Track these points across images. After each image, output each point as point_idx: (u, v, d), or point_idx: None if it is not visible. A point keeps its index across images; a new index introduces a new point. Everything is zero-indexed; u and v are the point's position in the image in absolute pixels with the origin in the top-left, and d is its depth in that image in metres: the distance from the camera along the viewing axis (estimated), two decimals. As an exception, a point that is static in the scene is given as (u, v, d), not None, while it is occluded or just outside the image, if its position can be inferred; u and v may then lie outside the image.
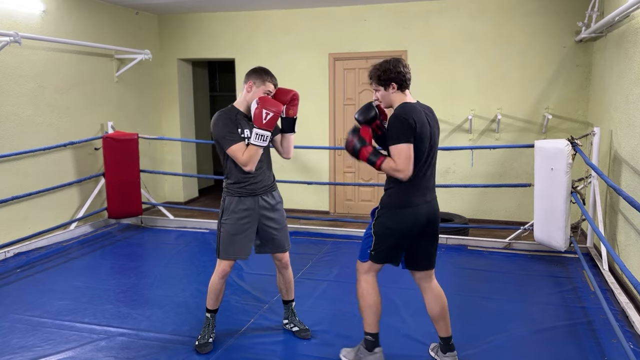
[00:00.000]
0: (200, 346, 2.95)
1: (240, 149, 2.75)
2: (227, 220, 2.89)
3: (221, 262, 2.92)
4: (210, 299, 2.99)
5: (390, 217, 2.57)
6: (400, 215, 2.55)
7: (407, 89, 2.62)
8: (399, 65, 2.58)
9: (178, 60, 7.04)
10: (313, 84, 6.49)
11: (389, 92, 2.59)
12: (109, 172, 5.62)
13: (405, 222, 2.55)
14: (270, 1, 6.12)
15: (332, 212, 6.65)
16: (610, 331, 3.08)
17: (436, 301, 2.72)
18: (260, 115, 2.67)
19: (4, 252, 4.62)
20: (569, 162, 4.14)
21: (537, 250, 4.77)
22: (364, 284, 2.67)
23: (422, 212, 2.56)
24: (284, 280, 3.13)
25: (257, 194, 2.90)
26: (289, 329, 3.18)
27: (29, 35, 4.75)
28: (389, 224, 2.58)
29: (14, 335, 3.15)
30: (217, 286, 2.95)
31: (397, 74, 2.56)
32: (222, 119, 2.80)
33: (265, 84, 2.79)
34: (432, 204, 2.63)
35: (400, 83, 2.57)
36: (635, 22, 3.84)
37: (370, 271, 2.67)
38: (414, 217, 2.55)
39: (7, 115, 4.83)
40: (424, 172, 2.54)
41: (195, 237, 5.42)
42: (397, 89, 2.57)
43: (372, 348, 2.70)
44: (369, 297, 2.66)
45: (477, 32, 5.87)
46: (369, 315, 2.67)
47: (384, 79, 2.57)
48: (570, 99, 5.70)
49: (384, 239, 2.60)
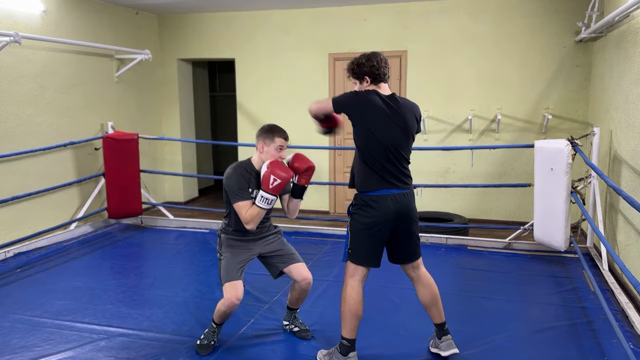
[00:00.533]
0: (201, 347, 2.94)
1: (245, 207, 2.78)
2: (225, 253, 2.91)
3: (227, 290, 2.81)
4: (218, 318, 2.93)
5: (361, 214, 2.60)
6: (369, 211, 2.57)
7: (383, 82, 2.65)
8: (372, 60, 2.61)
9: (178, 60, 7.04)
10: (313, 84, 6.49)
11: (363, 85, 2.64)
12: (109, 172, 5.62)
13: (374, 217, 2.56)
14: (270, 1, 6.12)
15: (332, 212, 6.65)
16: (610, 331, 3.08)
17: (426, 289, 2.77)
18: (268, 180, 2.70)
19: (4, 252, 4.62)
20: (568, 162, 4.15)
21: (537, 250, 4.77)
22: (349, 288, 2.65)
23: (389, 207, 2.56)
24: (299, 297, 3.08)
25: (256, 240, 2.97)
26: (289, 330, 3.18)
27: (29, 35, 4.75)
28: (361, 220, 2.60)
29: (14, 335, 3.15)
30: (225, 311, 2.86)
31: (370, 67, 2.60)
32: (236, 174, 2.83)
33: (274, 141, 2.81)
34: (400, 199, 2.60)
35: (373, 77, 2.61)
36: (635, 22, 3.84)
37: (356, 275, 2.65)
38: (383, 212, 2.56)
39: (7, 115, 4.83)
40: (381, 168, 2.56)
41: (195, 237, 5.42)
42: (371, 82, 2.62)
43: (346, 353, 2.68)
44: (351, 303, 2.63)
45: (477, 32, 5.87)
46: (348, 321, 2.65)
47: (358, 73, 2.64)
48: (570, 99, 5.70)
49: (358, 235, 2.61)
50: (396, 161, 2.59)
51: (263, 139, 2.84)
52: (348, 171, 6.57)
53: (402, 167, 2.63)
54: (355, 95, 2.59)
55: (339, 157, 6.55)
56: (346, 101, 2.60)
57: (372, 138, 2.54)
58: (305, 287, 2.98)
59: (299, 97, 6.52)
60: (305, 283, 2.96)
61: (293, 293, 3.07)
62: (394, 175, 2.59)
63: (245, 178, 2.84)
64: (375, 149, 2.55)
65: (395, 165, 2.59)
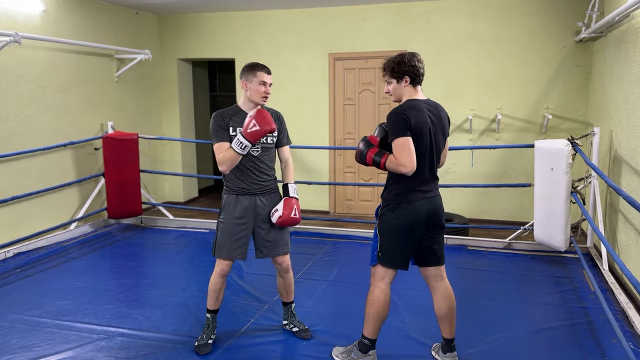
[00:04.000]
0: (200, 347, 2.94)
1: (221, 148, 2.77)
2: (224, 220, 2.90)
3: (220, 261, 2.93)
4: (210, 299, 2.99)
5: (392, 215, 2.57)
6: (401, 211, 2.55)
7: (419, 84, 2.60)
8: (413, 60, 2.55)
9: (178, 60, 7.04)
10: (313, 83, 6.49)
11: (401, 85, 2.57)
12: (109, 172, 5.62)
13: (406, 217, 2.54)
14: (270, 1, 6.12)
15: (332, 212, 6.65)
16: (610, 331, 3.08)
17: (445, 301, 2.70)
18: (248, 124, 2.67)
19: (4, 252, 4.62)
20: (569, 162, 4.14)
21: (537, 250, 4.77)
22: (378, 292, 2.62)
23: (421, 208, 2.55)
24: (285, 284, 3.12)
25: (255, 194, 2.91)
26: (289, 330, 3.18)
27: (29, 35, 4.75)
28: (392, 221, 2.57)
29: (14, 335, 3.15)
30: (217, 285, 2.95)
31: (412, 67, 2.54)
32: (215, 117, 2.85)
33: (256, 76, 2.80)
34: (433, 200, 2.61)
35: (413, 77, 2.55)
36: (635, 22, 3.84)
37: (386, 278, 2.63)
38: (415, 213, 2.54)
39: (7, 115, 4.83)
40: (422, 168, 2.53)
41: (195, 237, 5.42)
42: (410, 83, 2.56)
43: (366, 351, 2.70)
44: (380, 306, 2.62)
45: (477, 32, 5.87)
46: (374, 323, 2.65)
47: (398, 72, 2.55)
48: (570, 99, 5.70)
49: (389, 237, 2.58)
50: (432, 167, 2.59)
51: (246, 76, 2.83)
52: (348, 171, 6.58)
53: (435, 170, 2.63)
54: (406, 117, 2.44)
55: (339, 157, 6.55)
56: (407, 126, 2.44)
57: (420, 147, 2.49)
58: (284, 270, 3.05)
59: (299, 97, 6.52)
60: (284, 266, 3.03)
61: (279, 281, 3.13)
62: (429, 180, 2.59)
63: (225, 119, 2.82)
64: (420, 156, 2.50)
65: (432, 172, 2.59)
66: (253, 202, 2.90)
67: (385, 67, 2.61)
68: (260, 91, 2.81)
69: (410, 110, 2.47)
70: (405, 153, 2.41)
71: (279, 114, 3.03)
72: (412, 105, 2.50)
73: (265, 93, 2.83)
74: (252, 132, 2.65)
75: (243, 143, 2.67)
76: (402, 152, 2.41)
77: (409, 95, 2.58)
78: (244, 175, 2.86)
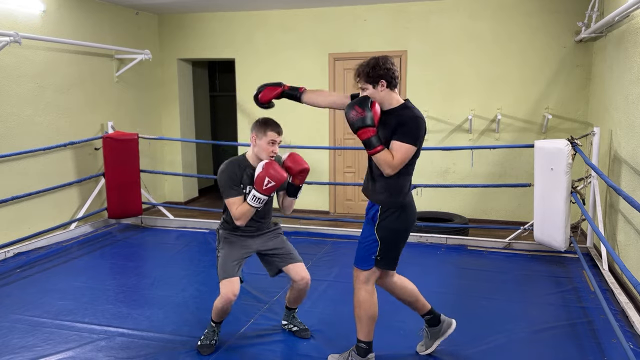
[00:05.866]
0: (202, 347, 2.94)
1: (236, 203, 2.79)
2: (222, 249, 2.92)
3: (223, 286, 2.81)
4: (215, 315, 2.94)
5: (396, 218, 2.53)
6: (405, 216, 2.54)
7: (396, 87, 2.53)
8: (387, 62, 2.47)
9: (178, 60, 7.04)
10: (313, 83, 6.46)
11: (377, 90, 2.47)
12: (109, 172, 5.62)
13: (409, 221, 2.56)
14: (270, 1, 6.12)
15: (332, 212, 6.65)
16: (610, 331, 3.08)
17: (404, 289, 2.76)
18: (262, 181, 2.69)
19: (4, 252, 4.62)
20: (569, 162, 4.15)
21: (537, 250, 4.77)
22: (365, 293, 2.61)
23: (415, 212, 2.63)
24: (298, 297, 3.06)
25: (252, 236, 2.96)
26: (289, 330, 3.18)
27: (29, 35, 4.75)
28: (396, 226, 2.53)
29: (14, 335, 3.15)
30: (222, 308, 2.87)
31: (387, 70, 2.45)
32: (228, 170, 2.83)
33: (266, 135, 2.80)
34: None
35: (389, 80, 2.46)
36: (635, 22, 3.84)
37: (371, 280, 2.63)
38: (414, 217, 2.61)
39: (7, 115, 4.83)
40: (411, 173, 2.57)
41: (195, 237, 5.42)
42: (386, 86, 2.47)
43: (365, 355, 2.68)
44: (368, 307, 2.61)
45: (477, 32, 5.87)
46: (366, 325, 2.64)
47: (373, 76, 2.45)
48: (570, 99, 5.70)
49: (392, 242, 2.55)
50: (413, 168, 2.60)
51: (256, 132, 2.83)
52: (348, 171, 6.58)
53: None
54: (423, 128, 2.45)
55: (339, 157, 6.55)
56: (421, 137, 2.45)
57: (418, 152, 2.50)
58: (303, 287, 2.97)
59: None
60: (303, 283, 2.95)
61: (291, 293, 3.06)
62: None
63: (238, 174, 2.83)
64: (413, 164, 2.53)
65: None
66: (251, 239, 2.97)
67: (359, 72, 2.50)
68: (268, 150, 2.82)
69: (422, 117, 2.47)
70: (403, 160, 2.41)
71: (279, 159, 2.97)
72: (419, 113, 2.49)
73: (272, 152, 2.83)
74: (268, 188, 2.69)
75: (260, 198, 2.72)
76: (401, 159, 2.41)
77: (391, 99, 2.49)
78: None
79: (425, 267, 4.39)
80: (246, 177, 2.84)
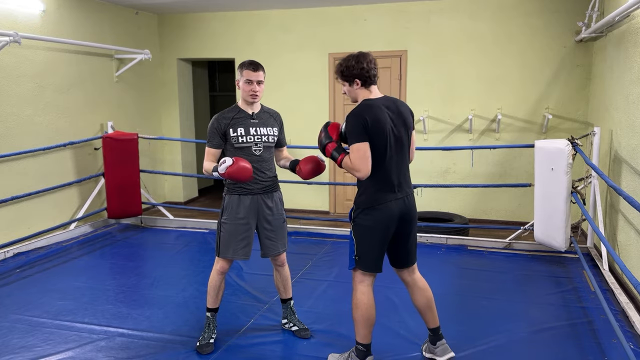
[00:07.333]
0: (202, 347, 2.94)
1: (208, 155, 2.86)
2: (226, 220, 2.90)
3: (220, 259, 2.94)
4: (210, 297, 3.00)
5: (365, 217, 2.56)
6: (374, 213, 2.53)
7: (373, 84, 2.56)
8: (362, 61, 2.50)
9: (178, 60, 7.04)
10: (313, 83, 6.49)
11: (353, 87, 2.55)
12: (108, 172, 5.62)
13: (379, 219, 2.53)
14: (270, 1, 6.12)
15: (332, 212, 6.65)
16: (610, 331, 3.08)
17: (422, 294, 2.72)
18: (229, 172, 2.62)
19: (4, 252, 4.62)
20: (569, 162, 4.14)
21: (537, 250, 4.77)
22: (359, 294, 2.62)
23: (394, 208, 2.53)
24: (281, 278, 3.14)
25: (256, 194, 2.91)
26: (289, 329, 3.18)
27: (28, 35, 4.75)
28: (366, 224, 2.56)
29: (14, 335, 3.14)
30: (216, 282, 2.96)
31: (360, 70, 2.50)
32: (213, 121, 2.88)
33: (242, 75, 2.83)
34: (405, 200, 2.59)
35: (364, 80, 2.52)
36: (635, 22, 3.83)
37: (365, 281, 2.62)
38: (387, 214, 2.52)
39: (6, 115, 4.83)
40: (388, 169, 2.51)
41: (195, 237, 5.42)
42: (361, 85, 2.53)
43: (364, 357, 2.67)
44: (364, 308, 2.60)
45: (477, 32, 5.87)
46: (362, 327, 2.63)
47: (347, 75, 2.53)
48: (570, 99, 5.70)
49: (364, 239, 2.57)
50: (399, 166, 2.56)
51: (238, 74, 2.87)
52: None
53: (405, 167, 2.61)
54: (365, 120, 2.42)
55: (339, 157, 6.54)
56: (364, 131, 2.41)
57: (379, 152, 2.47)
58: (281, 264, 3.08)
59: (299, 96, 6.52)
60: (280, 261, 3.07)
61: (275, 276, 3.14)
62: (398, 180, 2.55)
63: (225, 121, 2.85)
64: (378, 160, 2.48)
65: (400, 170, 2.57)
66: (255, 201, 2.91)
67: (336, 70, 2.59)
68: (247, 90, 2.83)
69: (367, 111, 2.45)
70: (360, 158, 2.41)
71: (279, 116, 3.06)
72: (368, 105, 2.48)
73: (252, 91, 2.83)
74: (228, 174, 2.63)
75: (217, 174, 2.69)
76: (357, 158, 2.42)
77: (364, 96, 2.56)
78: None
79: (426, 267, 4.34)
80: (237, 119, 2.86)
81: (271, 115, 3.01)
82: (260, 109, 2.96)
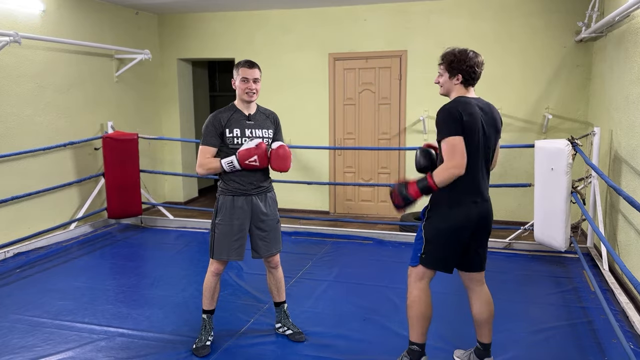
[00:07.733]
0: (198, 349, 2.93)
1: (206, 153, 2.86)
2: (220, 221, 2.90)
3: (214, 261, 2.93)
4: (205, 299, 2.99)
5: (440, 217, 2.47)
6: (451, 215, 2.44)
7: (472, 86, 2.51)
8: (474, 60, 2.45)
9: (178, 60, 7.04)
10: (313, 84, 6.49)
11: (452, 81, 2.49)
12: (108, 172, 5.62)
13: (456, 221, 2.44)
14: (270, 1, 6.12)
15: (332, 212, 6.65)
16: (610, 331, 3.08)
17: (487, 306, 2.65)
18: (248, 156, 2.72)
19: (3, 252, 4.62)
20: (569, 162, 4.14)
21: (537, 250, 4.77)
22: (416, 291, 2.53)
23: (472, 212, 2.45)
24: (275, 280, 3.10)
25: (250, 194, 2.90)
26: (282, 333, 3.14)
27: (28, 35, 4.75)
28: (440, 224, 2.47)
29: (14, 335, 3.14)
30: (212, 284, 2.96)
31: (469, 67, 2.44)
32: (210, 120, 2.88)
33: (239, 73, 2.83)
34: (485, 204, 2.51)
35: (466, 78, 2.46)
36: (635, 22, 3.83)
37: (424, 278, 2.54)
38: (465, 216, 2.44)
39: (6, 115, 4.83)
40: (474, 169, 2.41)
41: (195, 237, 5.42)
42: (461, 82, 2.47)
43: (418, 358, 2.58)
44: (421, 306, 2.52)
45: (477, 32, 5.87)
46: (418, 326, 2.54)
47: (454, 67, 2.46)
48: (570, 98, 5.70)
49: (435, 240, 2.48)
50: (483, 165, 2.48)
51: (234, 74, 2.87)
52: (348, 171, 6.58)
53: (488, 171, 2.53)
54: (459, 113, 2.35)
55: (339, 157, 6.54)
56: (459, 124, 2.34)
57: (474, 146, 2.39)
58: (274, 266, 3.05)
59: (299, 96, 6.52)
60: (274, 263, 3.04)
61: (269, 278, 3.10)
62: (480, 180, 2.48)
63: (222, 122, 2.84)
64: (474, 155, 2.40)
65: (482, 170, 2.48)
66: (249, 202, 2.90)
67: (444, 58, 2.50)
68: (243, 88, 2.83)
69: (462, 106, 2.37)
70: (458, 153, 2.29)
71: (275, 116, 3.06)
72: (463, 102, 2.40)
73: (248, 89, 2.82)
74: (250, 164, 2.74)
75: (235, 167, 2.76)
76: (453, 153, 2.30)
77: (458, 93, 2.49)
78: (241, 176, 2.86)
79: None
80: (233, 120, 2.86)
81: (267, 117, 2.99)
82: (257, 110, 2.96)
